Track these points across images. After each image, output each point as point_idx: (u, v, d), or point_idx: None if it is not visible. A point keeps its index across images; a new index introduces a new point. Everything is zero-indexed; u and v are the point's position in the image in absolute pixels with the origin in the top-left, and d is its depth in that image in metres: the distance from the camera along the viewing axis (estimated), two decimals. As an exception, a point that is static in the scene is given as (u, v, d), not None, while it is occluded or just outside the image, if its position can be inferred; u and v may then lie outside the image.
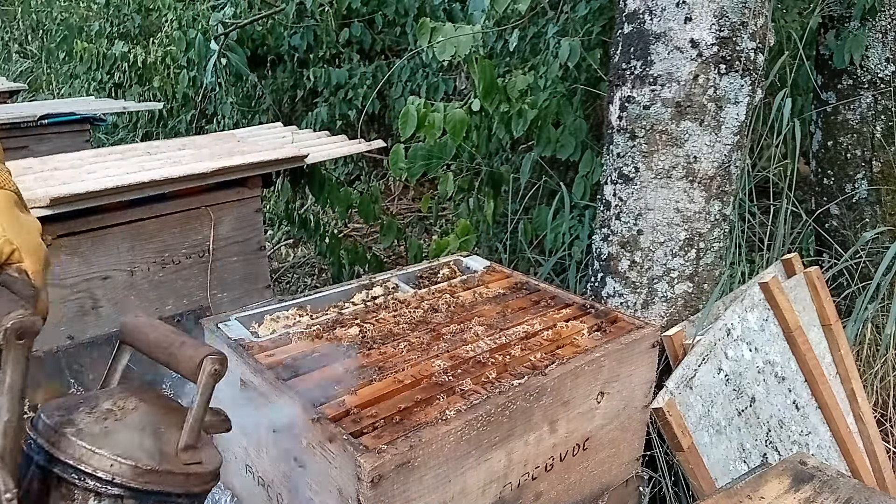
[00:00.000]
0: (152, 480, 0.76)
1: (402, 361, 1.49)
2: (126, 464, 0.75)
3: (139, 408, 0.81)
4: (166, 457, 0.78)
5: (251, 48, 5.19)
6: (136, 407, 0.81)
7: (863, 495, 1.34)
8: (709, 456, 1.85)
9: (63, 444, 0.75)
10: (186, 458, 0.79)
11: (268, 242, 3.56)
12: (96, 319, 2.19)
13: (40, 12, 8.26)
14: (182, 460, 0.79)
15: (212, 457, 0.84)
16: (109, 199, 2.09)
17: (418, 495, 1.24)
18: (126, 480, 0.75)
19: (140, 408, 0.81)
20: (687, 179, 2.02)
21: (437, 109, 2.69)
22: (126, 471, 0.75)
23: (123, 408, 0.80)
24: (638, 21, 2.01)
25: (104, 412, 0.79)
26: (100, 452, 0.75)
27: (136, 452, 0.76)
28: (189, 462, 0.79)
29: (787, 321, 2.06)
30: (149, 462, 0.76)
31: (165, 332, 0.88)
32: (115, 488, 0.74)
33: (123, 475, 0.75)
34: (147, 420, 0.80)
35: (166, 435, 0.79)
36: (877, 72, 2.68)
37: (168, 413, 0.82)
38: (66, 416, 0.78)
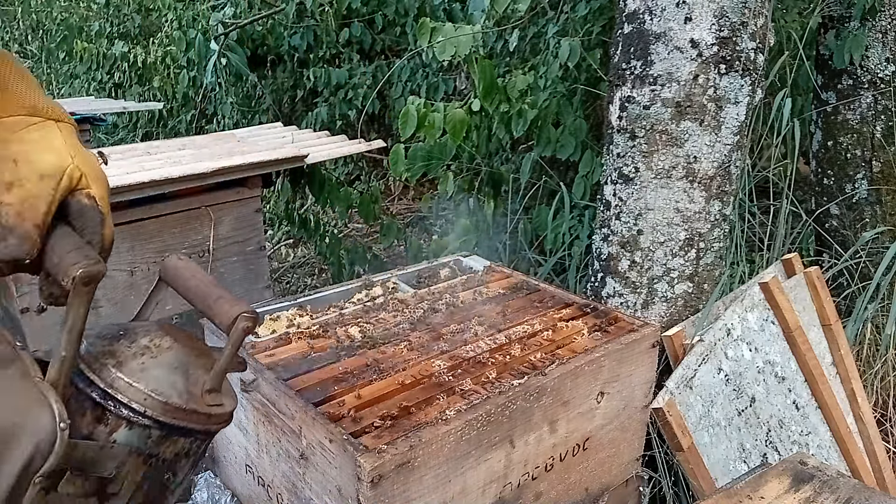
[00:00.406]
0: (179, 417, 0.82)
1: (402, 361, 1.49)
2: (158, 399, 0.81)
3: (173, 348, 0.86)
4: (193, 396, 0.84)
5: (251, 48, 5.19)
6: (170, 346, 0.86)
7: (863, 495, 1.34)
8: (709, 456, 1.85)
9: (104, 373, 0.81)
10: (209, 400, 0.85)
11: (268, 242, 3.56)
12: (96, 319, 2.19)
13: (40, 12, 8.26)
14: (206, 401, 0.85)
15: (230, 400, 0.90)
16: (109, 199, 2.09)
17: (418, 495, 1.24)
18: (156, 414, 0.81)
19: (174, 348, 0.86)
20: (687, 179, 2.02)
21: (437, 109, 2.69)
22: (157, 405, 0.81)
23: (160, 346, 0.86)
24: (638, 21, 2.01)
25: (142, 348, 0.85)
26: (136, 386, 0.81)
27: (167, 390, 0.82)
28: (211, 403, 0.85)
29: (787, 321, 2.06)
30: (178, 400, 0.82)
31: (205, 281, 0.93)
32: (145, 419, 0.81)
33: (154, 409, 0.81)
34: (179, 360, 0.85)
35: (194, 376, 0.85)
36: (877, 72, 2.68)
37: (198, 355, 0.88)
38: (107, 347, 0.84)
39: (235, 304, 0.87)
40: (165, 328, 0.89)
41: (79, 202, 0.81)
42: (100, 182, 0.84)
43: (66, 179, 0.79)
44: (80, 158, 0.82)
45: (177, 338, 0.88)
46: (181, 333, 0.91)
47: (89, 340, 0.84)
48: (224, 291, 0.90)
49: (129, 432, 0.81)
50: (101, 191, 0.84)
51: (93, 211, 0.82)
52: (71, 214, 0.81)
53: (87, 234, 0.82)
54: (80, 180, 0.81)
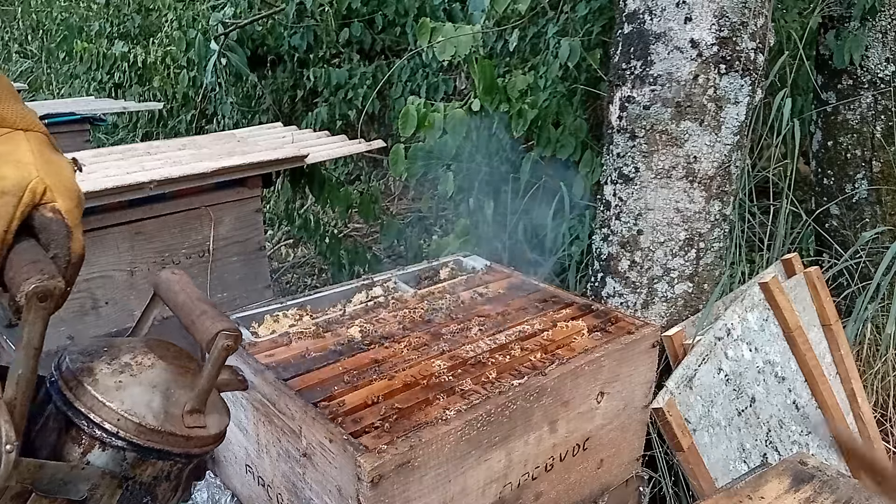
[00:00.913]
0: (154, 439, 0.79)
1: (402, 361, 1.49)
2: (131, 420, 0.78)
3: (156, 366, 0.84)
4: (171, 418, 0.81)
5: (251, 48, 5.19)
6: (152, 364, 0.84)
7: (863, 495, 1.34)
8: (709, 456, 1.85)
9: (79, 391, 0.79)
10: (190, 422, 0.82)
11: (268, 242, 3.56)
12: (96, 319, 2.19)
13: (40, 12, 8.26)
14: (186, 423, 0.82)
15: (217, 421, 0.87)
16: (109, 199, 2.09)
17: (418, 495, 1.24)
18: (129, 435, 0.78)
19: (157, 366, 0.84)
20: (687, 179, 2.02)
21: (437, 109, 2.69)
22: (131, 426, 0.78)
23: (141, 363, 0.83)
24: (638, 21, 2.01)
25: (122, 365, 0.82)
26: (109, 405, 0.78)
27: (143, 410, 0.80)
28: (192, 426, 0.82)
29: (787, 321, 2.06)
30: (153, 421, 0.79)
31: (192, 296, 0.91)
32: (119, 441, 0.78)
33: (128, 430, 0.78)
34: (160, 379, 0.83)
35: (175, 396, 0.83)
36: (877, 72, 2.68)
37: (183, 374, 0.85)
38: (86, 363, 0.81)
39: (217, 321, 0.84)
40: (152, 345, 0.87)
41: (42, 216, 0.78)
42: (67, 194, 0.80)
43: (29, 194, 0.76)
44: (46, 170, 0.79)
45: (163, 355, 0.85)
46: (171, 350, 0.88)
47: (72, 356, 0.82)
48: (209, 307, 0.88)
49: (103, 453, 0.78)
50: (69, 203, 0.80)
51: (57, 224, 0.78)
52: (36, 229, 0.78)
53: (53, 248, 0.78)
54: (44, 194, 0.78)
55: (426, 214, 4.55)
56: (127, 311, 2.24)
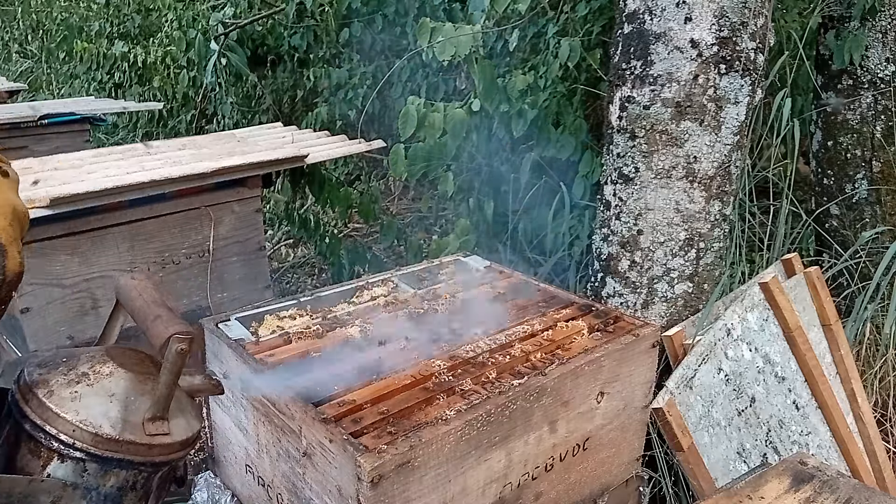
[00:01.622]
0: (112, 448, 0.78)
1: (402, 361, 1.49)
2: (87, 430, 0.77)
3: (114, 374, 0.82)
4: (130, 426, 0.80)
5: (251, 48, 5.18)
6: (111, 373, 0.82)
7: (863, 495, 1.34)
8: (709, 456, 1.85)
9: (33, 403, 0.77)
10: (152, 429, 0.80)
11: (268, 242, 3.56)
12: (96, 319, 2.19)
13: (40, 12, 8.26)
14: (147, 430, 0.80)
15: (183, 427, 0.85)
16: (109, 199, 2.09)
17: (418, 495, 1.24)
18: (86, 446, 0.77)
19: (115, 374, 0.82)
20: (687, 179, 2.02)
21: (437, 109, 2.69)
22: (87, 437, 0.77)
23: (98, 372, 0.81)
24: (638, 21, 2.01)
25: (79, 375, 0.81)
26: (63, 416, 0.77)
27: (99, 419, 0.78)
28: (154, 433, 0.81)
29: (787, 321, 2.06)
30: (109, 430, 0.78)
31: (148, 300, 0.89)
32: (76, 452, 0.77)
33: (84, 441, 0.77)
34: (118, 387, 0.81)
35: (135, 404, 0.81)
36: (877, 72, 2.68)
37: (144, 380, 0.83)
38: (43, 375, 0.80)
39: (170, 325, 0.83)
40: (114, 353, 0.85)
41: None
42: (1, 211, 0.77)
43: None
44: None
45: (123, 363, 0.84)
46: (133, 357, 0.86)
47: (29, 369, 0.81)
48: (164, 311, 0.86)
49: (63, 465, 0.77)
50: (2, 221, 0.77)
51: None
52: None
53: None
54: None
55: (426, 214, 4.55)
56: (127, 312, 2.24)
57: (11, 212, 0.79)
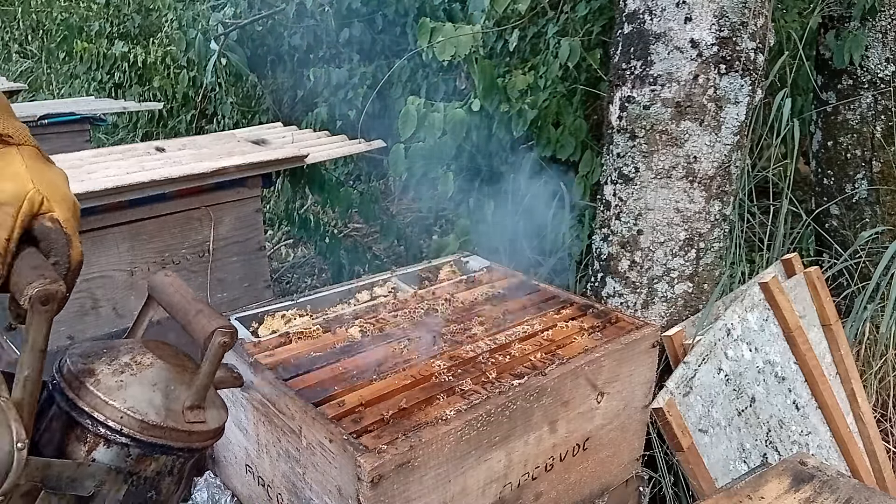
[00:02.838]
0: (157, 434, 0.82)
1: (402, 361, 1.49)
2: (134, 417, 0.81)
3: (154, 364, 0.86)
4: (172, 414, 0.84)
5: (251, 48, 5.18)
6: (151, 363, 0.86)
7: (863, 495, 1.34)
8: (709, 456, 1.85)
9: (81, 392, 0.81)
10: (191, 417, 0.85)
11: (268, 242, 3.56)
12: (96, 319, 2.19)
13: (40, 12, 8.26)
14: (187, 418, 0.85)
15: (216, 416, 0.90)
16: (109, 199, 2.09)
17: (418, 495, 1.24)
18: (133, 432, 0.81)
19: (155, 364, 0.86)
20: (687, 179, 2.02)
21: (437, 109, 2.69)
22: (134, 423, 0.81)
23: (140, 363, 0.86)
24: (638, 21, 2.01)
25: (122, 365, 0.85)
26: (112, 404, 0.81)
27: (144, 407, 0.82)
28: (193, 420, 0.85)
29: (787, 321, 2.06)
30: (155, 418, 0.82)
31: (186, 296, 0.94)
32: (123, 437, 0.81)
33: (131, 427, 0.81)
34: (160, 377, 0.85)
35: (175, 393, 0.85)
36: (877, 72, 2.68)
37: (181, 371, 0.87)
38: (87, 365, 0.84)
39: (213, 319, 0.87)
40: (150, 345, 0.89)
41: (42, 226, 0.82)
42: (64, 204, 0.85)
43: (28, 205, 0.81)
44: (42, 182, 0.83)
45: (161, 355, 0.88)
46: (167, 350, 0.90)
47: (72, 359, 0.84)
48: (204, 306, 0.91)
49: (108, 450, 0.81)
50: (66, 213, 0.84)
51: (57, 233, 0.83)
52: (37, 238, 0.82)
53: (54, 255, 0.82)
54: (41, 204, 0.82)
55: (426, 214, 4.55)
56: (127, 311, 2.24)
57: (73, 204, 0.86)
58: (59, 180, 0.87)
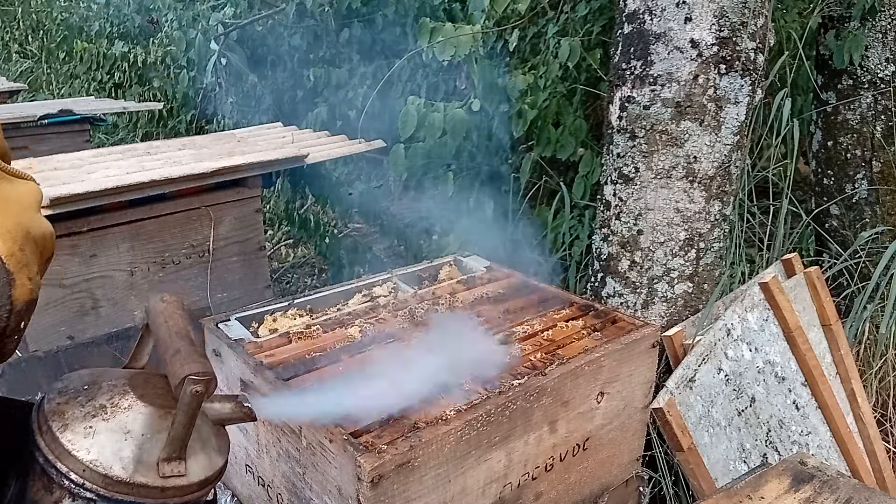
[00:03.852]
0: (123, 490, 0.74)
1: (402, 361, 1.49)
2: (97, 471, 0.74)
3: (132, 408, 0.78)
4: (143, 467, 0.75)
5: (251, 48, 5.19)
6: (129, 406, 0.78)
7: (863, 495, 1.34)
8: (709, 456, 1.85)
9: (48, 437, 0.74)
10: (166, 470, 0.76)
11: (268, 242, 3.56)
12: (96, 319, 2.19)
13: (40, 12, 8.26)
14: (161, 471, 0.76)
15: (203, 465, 0.80)
16: (109, 199, 2.09)
17: (418, 495, 1.24)
18: (97, 487, 0.74)
19: (134, 408, 0.78)
20: (687, 179, 2.02)
21: (437, 109, 2.69)
22: (97, 478, 0.74)
23: (117, 406, 0.78)
24: (638, 21, 2.01)
25: (96, 408, 0.77)
26: (75, 455, 0.74)
27: (110, 460, 0.74)
28: (168, 475, 0.76)
29: (787, 321, 2.06)
30: (121, 472, 0.74)
31: (172, 329, 0.84)
32: (87, 492, 0.74)
33: (95, 482, 0.74)
34: (136, 423, 0.77)
35: (150, 442, 0.77)
36: (877, 72, 2.68)
37: (164, 415, 0.79)
38: (61, 405, 0.76)
39: (187, 363, 0.77)
40: (136, 381, 0.81)
41: None
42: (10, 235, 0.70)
43: None
44: None
45: (143, 394, 0.79)
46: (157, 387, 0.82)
47: (50, 395, 0.77)
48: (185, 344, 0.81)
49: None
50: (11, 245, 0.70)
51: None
52: None
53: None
54: None
55: (426, 214, 4.54)
56: (127, 311, 2.24)
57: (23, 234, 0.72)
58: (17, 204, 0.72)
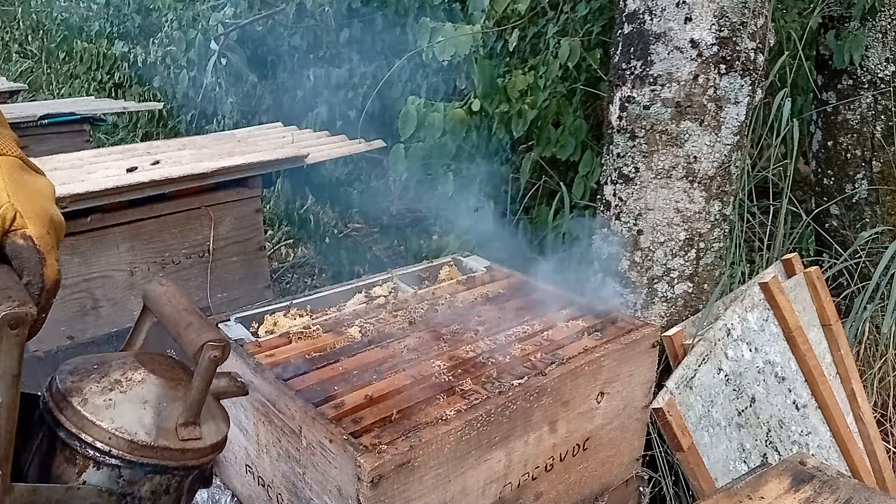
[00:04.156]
0: (147, 454, 0.79)
1: (402, 361, 1.49)
2: (123, 437, 0.78)
3: (146, 380, 0.83)
4: (164, 432, 0.81)
5: (251, 48, 5.19)
6: (143, 379, 0.83)
7: (863, 495, 1.34)
8: (709, 456, 1.85)
9: (68, 412, 0.78)
10: (185, 434, 0.82)
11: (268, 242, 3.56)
12: (96, 319, 2.19)
13: (40, 12, 8.26)
14: (180, 436, 0.81)
15: (214, 430, 0.86)
16: (109, 199, 2.09)
17: (418, 495, 1.24)
18: (122, 453, 0.78)
19: (147, 380, 0.83)
20: (687, 179, 2.02)
21: (437, 109, 2.69)
22: (123, 444, 0.78)
23: (131, 379, 0.83)
24: (638, 21, 2.01)
25: (112, 383, 0.82)
26: (99, 424, 0.78)
27: (134, 427, 0.79)
28: (187, 438, 0.82)
29: (787, 321, 2.06)
30: (145, 437, 0.79)
31: (179, 306, 0.89)
32: (112, 459, 0.78)
33: (120, 448, 0.78)
34: (151, 394, 0.82)
35: (167, 410, 0.82)
36: (877, 72, 2.68)
37: (175, 386, 0.84)
38: (76, 382, 0.81)
39: (203, 332, 0.83)
40: (144, 359, 0.86)
41: (14, 243, 0.77)
42: (40, 220, 0.79)
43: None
44: (17, 195, 0.78)
45: (154, 369, 0.85)
46: (163, 363, 0.87)
47: (61, 376, 0.82)
48: (196, 318, 0.87)
49: (99, 472, 0.78)
50: (40, 229, 0.78)
51: (28, 251, 0.77)
52: (8, 255, 0.77)
53: (26, 275, 0.78)
54: (13, 220, 0.77)
55: (426, 214, 4.54)
56: (127, 311, 2.24)
57: (49, 220, 0.80)
58: (40, 194, 0.82)
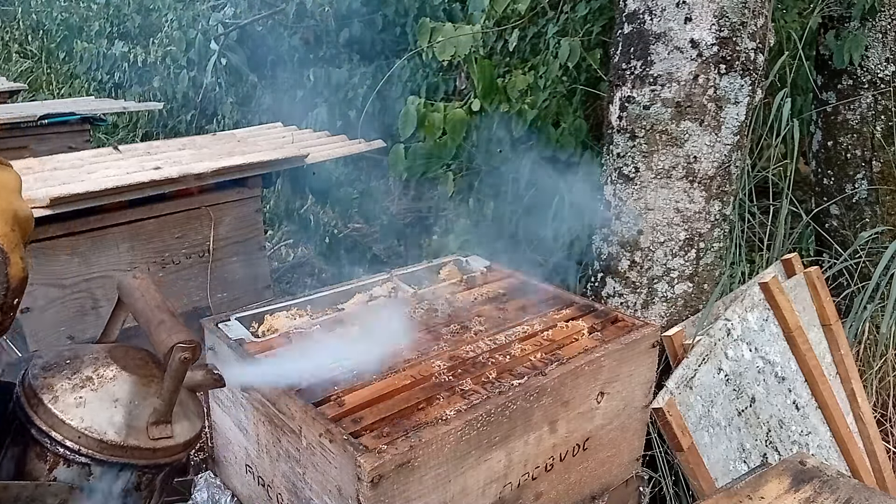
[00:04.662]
0: (117, 454, 0.79)
1: (402, 361, 1.49)
2: (92, 437, 0.78)
3: (118, 378, 0.82)
4: (134, 431, 0.80)
5: (251, 48, 5.18)
6: (114, 377, 0.82)
7: (863, 495, 1.34)
8: (709, 456, 1.85)
9: (39, 409, 0.78)
10: (156, 433, 0.82)
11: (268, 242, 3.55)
12: (96, 319, 2.19)
13: (40, 12, 8.26)
14: (151, 434, 0.81)
15: (186, 428, 0.86)
16: (109, 199, 2.09)
17: (418, 495, 1.24)
18: (92, 452, 0.78)
19: (119, 378, 0.82)
20: (687, 179, 2.02)
21: (437, 109, 2.69)
22: (92, 443, 0.78)
23: (102, 376, 0.82)
24: (638, 21, 2.01)
25: (83, 380, 0.81)
26: (69, 423, 0.78)
27: (103, 426, 0.79)
28: (157, 437, 0.82)
29: (787, 321, 2.06)
30: (115, 437, 0.79)
31: (152, 303, 0.89)
32: (82, 457, 0.78)
33: (90, 447, 0.78)
34: (122, 392, 0.82)
35: (139, 408, 0.82)
36: (877, 72, 2.68)
37: (147, 384, 0.84)
38: (47, 379, 0.80)
39: (174, 332, 0.83)
40: (117, 354, 0.85)
41: None
42: (3, 216, 0.75)
43: None
44: None
45: (126, 365, 0.84)
46: (136, 358, 0.86)
47: (34, 371, 0.81)
48: (167, 316, 0.85)
49: (69, 470, 0.78)
50: (3, 226, 0.75)
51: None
52: None
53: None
54: None
55: (426, 214, 4.54)
56: (127, 311, 2.24)
57: (13, 216, 0.78)
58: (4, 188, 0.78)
